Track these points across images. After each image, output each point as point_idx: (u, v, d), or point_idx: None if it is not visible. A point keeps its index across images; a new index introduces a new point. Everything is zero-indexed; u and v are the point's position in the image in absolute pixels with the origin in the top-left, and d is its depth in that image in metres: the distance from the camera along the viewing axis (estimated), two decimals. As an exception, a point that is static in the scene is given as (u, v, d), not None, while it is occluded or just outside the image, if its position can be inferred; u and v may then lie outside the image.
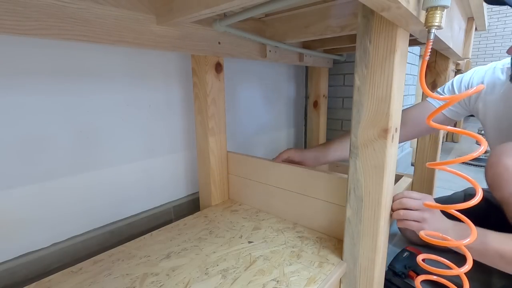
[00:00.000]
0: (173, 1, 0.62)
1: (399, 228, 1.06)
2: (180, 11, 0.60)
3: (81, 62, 0.74)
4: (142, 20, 0.65)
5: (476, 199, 0.46)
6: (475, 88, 0.44)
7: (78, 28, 0.55)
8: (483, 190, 0.49)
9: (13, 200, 0.67)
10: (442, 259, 0.54)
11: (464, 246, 0.49)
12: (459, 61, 2.76)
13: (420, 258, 0.54)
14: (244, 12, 0.69)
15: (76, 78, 0.74)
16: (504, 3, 0.67)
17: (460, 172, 0.51)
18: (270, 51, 1.02)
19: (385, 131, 0.55)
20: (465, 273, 0.49)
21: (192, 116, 1.04)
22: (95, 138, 0.79)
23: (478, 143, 0.47)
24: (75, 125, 0.75)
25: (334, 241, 0.74)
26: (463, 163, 2.09)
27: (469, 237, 0.49)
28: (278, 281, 0.60)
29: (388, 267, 0.81)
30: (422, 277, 0.56)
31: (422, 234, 0.54)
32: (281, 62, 1.20)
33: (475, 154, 0.44)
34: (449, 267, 0.51)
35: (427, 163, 0.51)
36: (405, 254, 0.85)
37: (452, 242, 0.51)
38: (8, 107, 0.64)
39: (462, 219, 0.51)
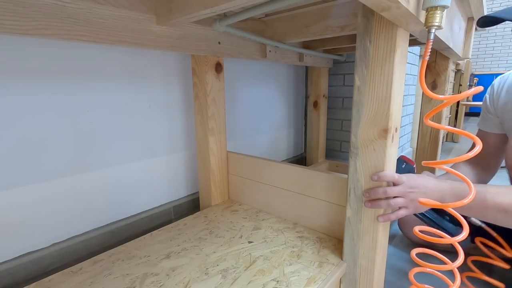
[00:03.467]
0: (173, 1, 0.62)
1: (399, 227, 1.06)
2: (180, 11, 0.60)
3: (81, 62, 0.74)
4: (142, 20, 0.65)
5: (470, 197, 0.48)
6: (473, 89, 0.44)
7: (78, 28, 0.55)
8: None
9: (13, 200, 0.67)
10: (435, 253, 0.54)
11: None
12: (459, 61, 2.76)
13: (413, 252, 0.55)
14: (244, 12, 0.69)
15: (76, 78, 0.74)
16: (501, 20, 0.67)
17: (455, 171, 0.52)
18: (270, 51, 1.02)
19: (385, 131, 0.55)
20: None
21: (192, 116, 1.04)
22: (95, 138, 0.79)
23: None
24: (75, 125, 0.75)
25: (334, 241, 0.74)
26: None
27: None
28: (278, 281, 0.60)
29: None
30: (416, 269, 0.57)
31: (415, 230, 0.54)
32: (281, 62, 1.20)
33: (471, 154, 0.45)
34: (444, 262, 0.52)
35: (423, 161, 0.51)
36: (403, 165, 0.72)
37: (447, 239, 0.51)
38: (7, 107, 0.64)
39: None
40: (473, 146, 0.47)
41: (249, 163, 0.95)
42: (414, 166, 0.70)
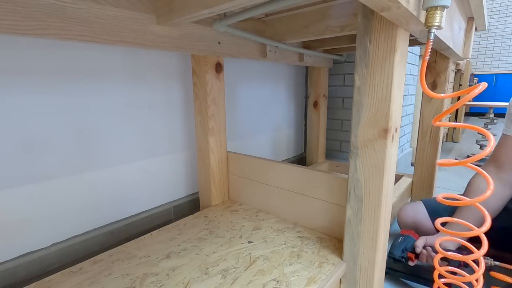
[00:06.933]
0: (173, 1, 0.62)
1: (399, 226, 1.06)
2: (180, 11, 0.60)
3: (81, 62, 0.74)
4: (142, 20, 0.65)
5: (488, 193, 0.47)
6: (480, 87, 0.43)
7: (78, 28, 0.55)
8: None
9: (13, 200, 0.67)
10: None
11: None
12: (459, 61, 2.76)
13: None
14: (244, 12, 0.69)
15: (76, 78, 0.74)
16: None
17: (478, 167, 0.50)
18: (270, 51, 1.02)
19: (385, 131, 0.55)
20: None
21: (192, 116, 1.04)
22: (95, 138, 0.79)
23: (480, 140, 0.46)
24: (75, 125, 0.75)
25: (334, 241, 0.74)
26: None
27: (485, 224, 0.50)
28: (278, 281, 0.60)
29: (387, 255, 0.80)
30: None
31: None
32: (281, 62, 1.20)
33: (487, 151, 0.44)
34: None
35: (437, 161, 0.51)
36: (400, 239, 0.84)
37: (475, 231, 0.52)
38: (8, 107, 0.64)
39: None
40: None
41: (249, 163, 0.95)
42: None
